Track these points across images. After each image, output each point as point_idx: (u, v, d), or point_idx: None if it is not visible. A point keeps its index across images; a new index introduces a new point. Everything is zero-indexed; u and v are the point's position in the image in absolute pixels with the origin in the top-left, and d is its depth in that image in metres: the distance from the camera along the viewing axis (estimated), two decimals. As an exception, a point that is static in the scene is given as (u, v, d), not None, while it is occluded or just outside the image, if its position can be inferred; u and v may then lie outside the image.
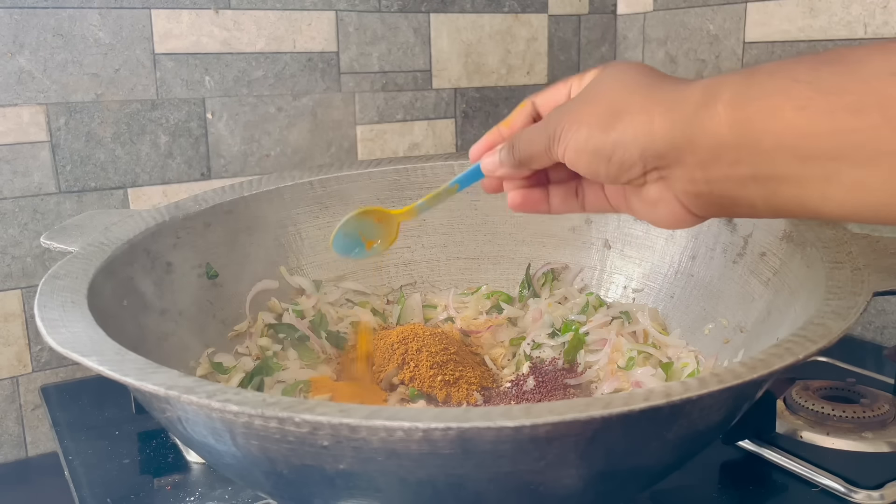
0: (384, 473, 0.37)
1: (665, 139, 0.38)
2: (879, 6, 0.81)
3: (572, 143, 0.42)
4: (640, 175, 0.41)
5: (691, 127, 0.37)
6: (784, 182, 0.36)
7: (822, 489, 0.56)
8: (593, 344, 0.67)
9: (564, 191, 0.50)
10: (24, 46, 0.78)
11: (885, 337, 0.85)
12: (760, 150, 0.35)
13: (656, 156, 0.39)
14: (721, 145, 0.36)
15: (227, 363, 0.64)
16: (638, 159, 0.40)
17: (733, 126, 0.36)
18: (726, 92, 0.36)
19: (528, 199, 0.50)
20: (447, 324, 0.74)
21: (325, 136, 0.94)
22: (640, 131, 0.39)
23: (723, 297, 0.64)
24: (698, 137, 0.37)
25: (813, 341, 0.40)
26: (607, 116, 0.40)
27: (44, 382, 0.82)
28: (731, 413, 0.45)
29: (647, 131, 0.39)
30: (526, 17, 1.05)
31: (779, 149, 0.35)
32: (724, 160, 0.37)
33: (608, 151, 0.40)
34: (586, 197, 0.49)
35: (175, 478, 0.60)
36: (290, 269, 0.73)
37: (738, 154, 0.36)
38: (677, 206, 0.41)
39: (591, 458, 0.38)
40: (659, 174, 0.40)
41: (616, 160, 0.40)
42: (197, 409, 0.38)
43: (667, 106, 0.39)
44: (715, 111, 0.36)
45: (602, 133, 0.40)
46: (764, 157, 0.36)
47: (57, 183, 0.81)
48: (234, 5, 0.87)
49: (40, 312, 0.47)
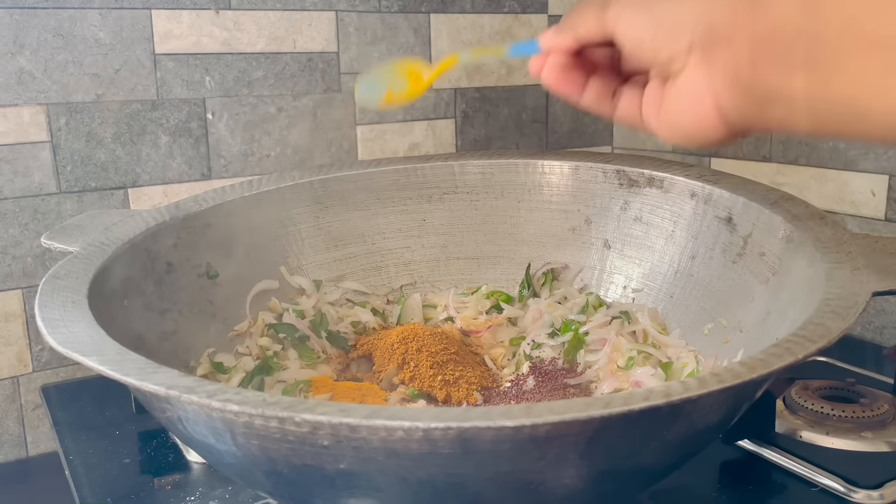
0: (384, 473, 0.37)
1: (724, 13, 0.38)
2: (879, 6, 0.81)
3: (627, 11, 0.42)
4: (684, 50, 0.39)
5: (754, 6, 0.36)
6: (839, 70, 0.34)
7: (822, 489, 0.56)
8: (593, 344, 0.67)
9: (602, 86, 0.48)
10: (24, 46, 0.78)
11: (885, 337, 0.85)
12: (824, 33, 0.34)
13: (709, 27, 0.38)
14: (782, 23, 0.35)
15: (228, 363, 0.64)
16: (689, 29, 0.39)
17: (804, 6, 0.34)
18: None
19: (565, 78, 0.48)
20: (447, 324, 0.74)
21: (325, 136, 0.94)
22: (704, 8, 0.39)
23: (722, 297, 0.64)
24: (760, 13, 0.36)
25: (812, 341, 0.40)
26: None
27: (44, 382, 0.82)
28: (731, 413, 0.45)
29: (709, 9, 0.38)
30: (526, 18, 1.05)
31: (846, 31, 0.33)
32: (780, 40, 0.35)
33: (661, 16, 0.40)
34: (621, 100, 0.48)
35: (175, 477, 0.60)
36: (291, 268, 0.73)
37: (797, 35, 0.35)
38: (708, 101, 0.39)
39: (591, 457, 0.38)
40: (702, 54, 0.39)
41: (667, 26, 0.40)
42: (197, 409, 0.38)
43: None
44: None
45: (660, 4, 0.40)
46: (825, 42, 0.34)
47: (57, 183, 0.81)
48: (234, 6, 0.87)
49: (41, 312, 0.47)
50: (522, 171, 0.78)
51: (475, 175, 0.78)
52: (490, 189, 0.78)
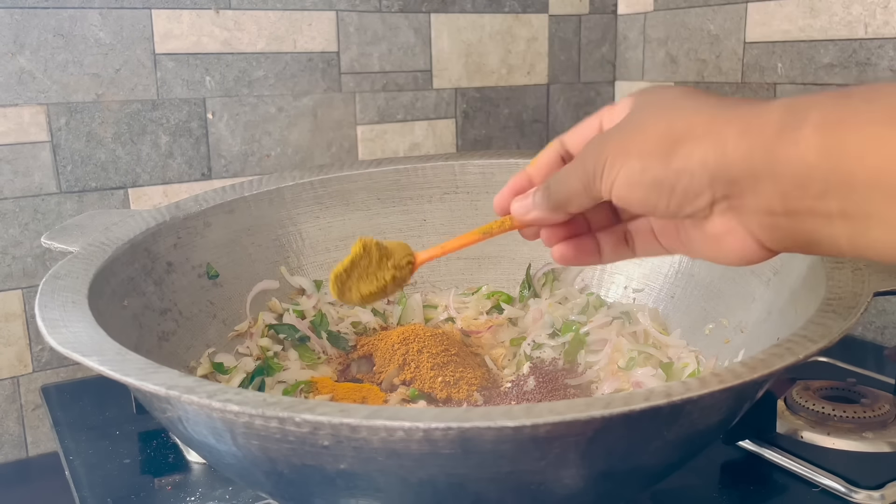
0: (385, 473, 0.37)
1: (741, 164, 0.34)
2: (880, 6, 0.81)
3: (623, 177, 0.37)
4: (706, 206, 0.36)
5: (773, 152, 0.33)
6: (877, 222, 0.31)
7: (823, 489, 0.56)
8: (594, 344, 0.67)
9: (614, 238, 0.46)
10: (24, 46, 0.78)
11: (886, 337, 0.85)
12: (853, 184, 0.31)
13: (729, 183, 0.35)
14: (807, 174, 0.32)
15: (228, 363, 0.64)
16: (707, 188, 0.35)
17: (823, 153, 0.32)
18: (815, 114, 0.32)
19: (581, 250, 0.45)
20: (448, 324, 0.74)
21: (325, 136, 0.94)
22: (709, 156, 0.35)
23: (723, 297, 0.64)
24: (781, 164, 0.33)
25: (813, 341, 0.40)
26: (666, 142, 0.36)
27: (44, 382, 0.82)
28: (732, 413, 0.45)
29: (719, 156, 0.34)
30: (526, 18, 1.05)
31: (875, 185, 0.30)
32: (811, 191, 0.32)
33: (671, 182, 0.36)
34: (636, 242, 0.45)
35: (176, 478, 0.60)
36: (291, 269, 0.73)
37: (826, 186, 0.32)
38: (747, 238, 0.37)
39: (592, 457, 0.38)
40: (728, 204, 0.36)
41: (680, 191, 0.36)
42: (198, 409, 0.38)
43: (741, 127, 0.34)
44: (802, 135, 0.32)
45: (661, 162, 0.36)
46: (856, 192, 0.31)
47: (58, 183, 0.81)
48: (234, 5, 0.87)
49: (41, 312, 0.47)
50: (523, 171, 0.77)
51: (475, 175, 0.78)
52: (490, 189, 0.78)
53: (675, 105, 0.37)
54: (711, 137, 0.35)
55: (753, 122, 0.34)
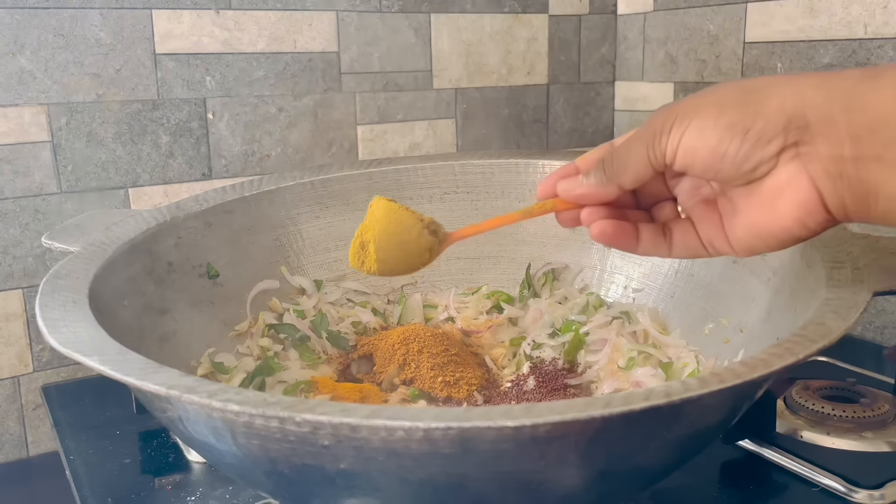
0: (385, 473, 0.37)
1: (818, 110, 0.36)
2: (879, 6, 0.81)
3: (695, 125, 0.38)
4: (774, 155, 0.37)
5: (852, 97, 0.35)
6: None
7: (823, 489, 0.56)
8: (593, 344, 0.67)
9: (653, 230, 0.46)
10: (25, 46, 0.78)
11: (886, 337, 0.85)
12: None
13: (802, 128, 0.36)
14: (882, 120, 0.34)
15: (228, 363, 0.64)
16: (780, 132, 0.36)
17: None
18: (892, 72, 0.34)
19: (620, 232, 0.45)
20: (448, 324, 0.74)
21: (325, 136, 0.94)
22: (788, 101, 0.36)
23: (723, 296, 0.64)
24: (858, 108, 0.35)
25: (813, 341, 0.40)
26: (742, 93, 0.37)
27: (45, 382, 0.82)
28: (732, 413, 0.45)
29: (798, 102, 0.36)
30: (526, 18, 1.05)
31: None
32: (881, 136, 0.34)
33: (745, 124, 0.37)
34: (674, 235, 0.45)
35: (176, 477, 0.60)
36: (291, 268, 0.73)
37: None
38: (809, 191, 0.37)
39: (592, 457, 0.38)
40: (797, 151, 0.37)
41: (753, 134, 0.37)
42: (198, 409, 0.38)
43: (819, 80, 0.36)
44: (880, 84, 0.34)
45: (737, 108, 0.37)
46: None
47: (58, 183, 0.81)
48: (234, 5, 0.87)
49: (41, 312, 0.47)
50: (523, 170, 0.78)
51: (475, 175, 0.78)
52: (490, 189, 0.78)
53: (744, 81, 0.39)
54: (791, 87, 0.37)
55: (832, 76, 0.36)
